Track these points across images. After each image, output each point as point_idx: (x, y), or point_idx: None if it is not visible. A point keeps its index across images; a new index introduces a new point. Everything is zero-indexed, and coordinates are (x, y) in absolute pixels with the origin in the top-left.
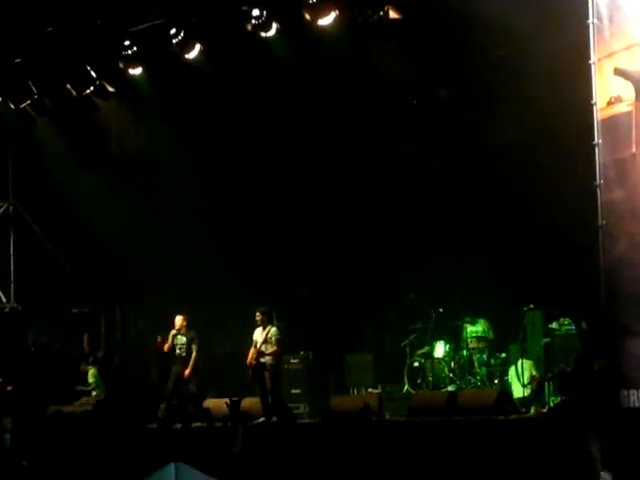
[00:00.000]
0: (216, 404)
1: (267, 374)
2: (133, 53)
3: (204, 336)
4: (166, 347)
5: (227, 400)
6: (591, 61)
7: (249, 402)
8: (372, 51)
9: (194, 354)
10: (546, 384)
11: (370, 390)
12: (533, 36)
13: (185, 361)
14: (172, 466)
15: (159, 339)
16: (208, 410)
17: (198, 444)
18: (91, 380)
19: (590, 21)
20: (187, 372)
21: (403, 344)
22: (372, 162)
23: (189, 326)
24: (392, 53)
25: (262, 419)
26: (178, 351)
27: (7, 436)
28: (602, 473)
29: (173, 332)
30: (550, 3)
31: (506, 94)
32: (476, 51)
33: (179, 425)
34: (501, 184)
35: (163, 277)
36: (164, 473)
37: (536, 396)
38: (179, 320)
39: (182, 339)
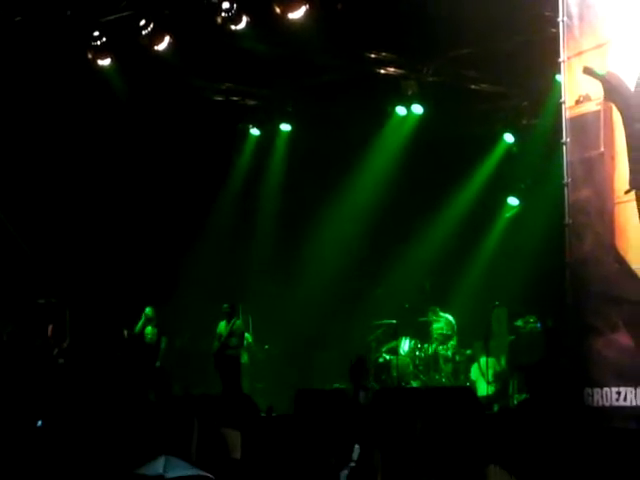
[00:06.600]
0: None
1: (230, 366)
2: (102, 44)
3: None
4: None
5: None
6: (561, 59)
7: None
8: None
9: (163, 345)
10: (510, 382)
11: (337, 386)
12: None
13: (154, 350)
14: (162, 458)
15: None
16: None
17: None
18: None
19: (560, 19)
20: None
21: (369, 339)
22: None
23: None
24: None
25: None
26: (148, 341)
27: None
28: None
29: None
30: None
31: None
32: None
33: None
34: None
35: (128, 270)
36: (155, 464)
37: (500, 394)
38: (151, 311)
39: (153, 330)
